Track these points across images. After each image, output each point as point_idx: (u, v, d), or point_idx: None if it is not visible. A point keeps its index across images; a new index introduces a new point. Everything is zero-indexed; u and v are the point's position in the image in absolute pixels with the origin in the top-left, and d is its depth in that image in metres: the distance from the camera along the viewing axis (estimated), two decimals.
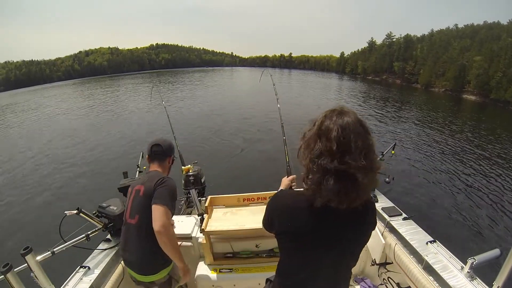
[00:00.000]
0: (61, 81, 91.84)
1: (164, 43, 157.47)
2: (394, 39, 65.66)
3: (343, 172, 0.75)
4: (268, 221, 1.03)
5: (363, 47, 79.08)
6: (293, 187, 1.41)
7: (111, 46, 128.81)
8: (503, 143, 12.59)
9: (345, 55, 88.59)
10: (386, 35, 68.07)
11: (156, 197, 1.45)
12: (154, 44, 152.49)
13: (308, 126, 0.88)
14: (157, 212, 1.40)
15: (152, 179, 1.53)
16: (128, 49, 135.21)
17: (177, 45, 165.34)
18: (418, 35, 60.78)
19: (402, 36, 63.00)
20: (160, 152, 1.65)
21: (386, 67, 63.17)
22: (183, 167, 2.76)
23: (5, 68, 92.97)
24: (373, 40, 75.40)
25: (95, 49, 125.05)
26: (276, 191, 2.17)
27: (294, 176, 1.43)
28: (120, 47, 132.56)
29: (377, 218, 2.09)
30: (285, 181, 1.39)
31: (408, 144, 11.30)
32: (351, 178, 0.75)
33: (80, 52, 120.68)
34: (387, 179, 2.27)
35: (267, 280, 1.22)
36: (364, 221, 0.93)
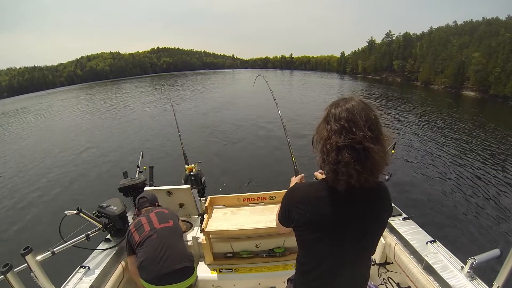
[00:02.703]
0: (64, 86, 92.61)
1: (165, 47, 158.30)
2: (393, 38, 65.62)
3: (353, 145, 0.81)
4: (285, 215, 1.03)
5: (363, 47, 79.16)
6: None
7: (112, 51, 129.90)
8: (504, 141, 12.46)
9: (345, 55, 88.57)
10: (385, 34, 68.13)
11: (179, 217, 2.01)
12: (155, 48, 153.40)
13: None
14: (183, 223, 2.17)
15: (166, 208, 2.02)
16: (129, 54, 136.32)
17: (178, 48, 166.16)
18: (418, 33, 60.81)
19: (401, 34, 63.01)
20: (146, 202, 1.97)
21: (386, 65, 63.14)
22: (186, 166, 2.76)
23: (8, 75, 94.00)
24: (373, 39, 75.40)
25: (97, 54, 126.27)
26: (282, 191, 2.19)
27: (303, 175, 1.46)
28: (121, 52, 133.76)
29: None
30: (294, 180, 1.41)
31: (408, 143, 11.24)
32: (363, 149, 0.81)
33: (82, 57, 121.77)
34: (387, 177, 2.26)
35: (288, 280, 1.22)
36: (380, 203, 0.97)
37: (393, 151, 2.46)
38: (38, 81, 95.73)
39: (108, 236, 1.90)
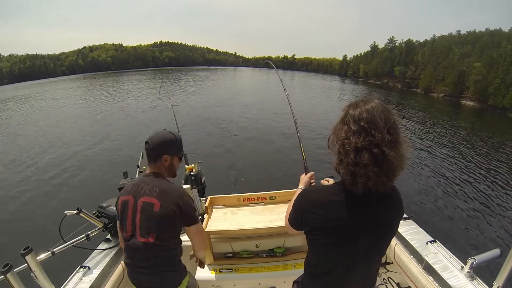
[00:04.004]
0: (65, 75, 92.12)
1: (168, 41, 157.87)
2: (396, 44, 65.77)
3: (371, 147, 0.80)
4: (298, 219, 1.01)
5: (365, 51, 79.30)
6: (312, 184, 1.38)
7: (115, 43, 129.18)
8: (502, 147, 12.63)
9: (347, 58, 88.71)
10: (388, 39, 68.25)
11: (189, 219, 1.36)
12: (158, 42, 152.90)
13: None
14: (197, 232, 1.44)
15: (164, 192, 1.31)
16: (132, 46, 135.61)
17: (180, 43, 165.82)
18: (421, 40, 61.09)
19: (404, 41, 63.24)
20: (149, 150, 1.39)
21: (387, 71, 63.31)
22: (186, 166, 2.76)
23: (10, 61, 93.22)
24: (376, 44, 75.52)
25: (99, 45, 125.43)
26: (282, 191, 2.18)
27: (313, 172, 1.42)
28: (124, 44, 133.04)
29: None
30: (304, 178, 1.38)
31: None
32: (380, 151, 0.80)
33: (84, 47, 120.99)
34: None
35: (295, 282, 1.21)
36: (394, 207, 0.96)
37: None
38: (39, 69, 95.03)
39: (108, 236, 1.89)
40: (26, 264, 1.30)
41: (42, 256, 1.42)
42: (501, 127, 20.48)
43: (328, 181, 1.30)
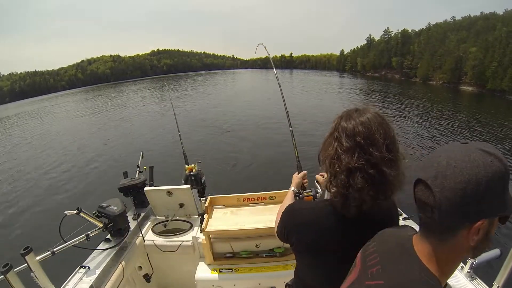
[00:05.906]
0: (65, 90, 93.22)
1: (165, 49, 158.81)
2: (391, 35, 65.64)
3: (368, 167, 0.71)
4: (283, 233, 0.95)
5: (362, 44, 79.30)
6: (305, 184, 1.32)
7: (113, 54, 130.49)
8: (504, 135, 12.44)
9: (345, 53, 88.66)
10: (383, 31, 68.21)
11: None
12: (155, 50, 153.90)
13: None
14: None
15: None
16: (130, 56, 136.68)
17: (178, 50, 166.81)
18: (416, 29, 60.95)
19: (399, 31, 63.03)
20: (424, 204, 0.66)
21: (385, 63, 63.30)
22: (186, 166, 2.77)
23: (10, 80, 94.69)
24: (372, 37, 75.52)
25: (97, 57, 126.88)
26: (282, 191, 2.15)
27: (305, 172, 1.35)
28: (122, 55, 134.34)
29: None
30: (296, 179, 1.30)
31: (407, 141, 11.20)
32: (377, 171, 0.71)
33: (82, 61, 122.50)
34: None
35: (287, 285, 1.19)
36: (388, 225, 0.85)
37: None
38: (39, 85, 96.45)
39: (108, 236, 1.90)
40: (26, 264, 1.31)
41: (42, 256, 1.42)
42: (504, 110, 20.15)
43: (324, 176, 1.22)
